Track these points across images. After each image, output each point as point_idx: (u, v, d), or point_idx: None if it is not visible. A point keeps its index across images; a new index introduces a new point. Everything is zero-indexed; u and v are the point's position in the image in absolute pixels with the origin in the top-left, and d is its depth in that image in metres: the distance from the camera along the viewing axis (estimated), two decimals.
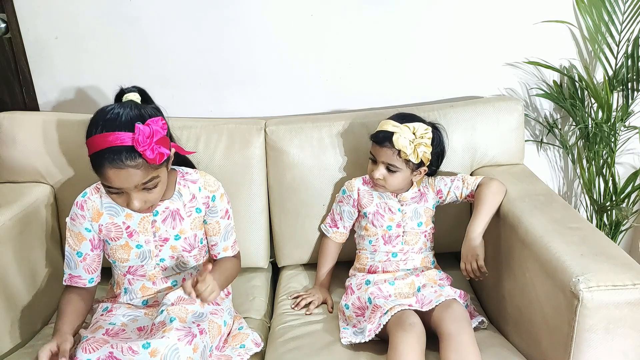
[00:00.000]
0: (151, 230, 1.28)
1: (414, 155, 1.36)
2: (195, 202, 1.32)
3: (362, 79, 1.74)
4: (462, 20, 1.69)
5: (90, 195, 1.28)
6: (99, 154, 1.10)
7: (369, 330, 1.26)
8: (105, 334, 1.18)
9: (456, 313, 1.23)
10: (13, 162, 1.55)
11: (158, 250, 1.29)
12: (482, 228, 1.37)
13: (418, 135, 1.37)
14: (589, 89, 1.68)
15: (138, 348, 1.06)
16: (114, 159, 1.09)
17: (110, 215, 1.27)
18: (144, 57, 1.68)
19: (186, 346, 1.10)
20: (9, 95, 1.73)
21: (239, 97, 1.75)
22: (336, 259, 1.57)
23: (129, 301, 1.32)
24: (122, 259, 1.29)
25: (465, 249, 1.36)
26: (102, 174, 1.12)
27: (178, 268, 1.33)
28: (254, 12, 1.65)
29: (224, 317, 1.29)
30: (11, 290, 1.35)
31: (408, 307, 1.27)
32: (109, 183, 1.13)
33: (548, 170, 1.91)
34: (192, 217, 1.32)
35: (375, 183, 1.44)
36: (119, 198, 1.17)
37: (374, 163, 1.42)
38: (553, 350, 1.14)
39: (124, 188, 1.14)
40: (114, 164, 1.09)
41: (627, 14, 1.65)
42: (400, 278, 1.40)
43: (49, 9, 1.63)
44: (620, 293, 1.04)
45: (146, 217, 1.27)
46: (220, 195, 1.34)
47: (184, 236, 1.31)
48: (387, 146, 1.37)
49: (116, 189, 1.14)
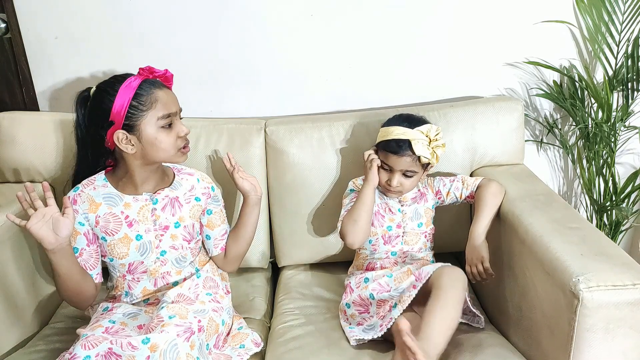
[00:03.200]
0: (151, 219, 1.29)
1: (433, 158, 1.37)
2: (194, 191, 1.36)
3: (362, 79, 1.74)
4: (462, 20, 1.69)
5: (83, 189, 1.29)
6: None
7: (380, 326, 1.26)
8: (105, 332, 1.17)
9: (455, 273, 1.23)
10: (13, 162, 1.55)
11: (158, 240, 1.30)
12: (484, 229, 1.37)
13: (432, 137, 1.37)
14: (589, 89, 1.68)
15: (137, 343, 1.06)
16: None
17: (109, 205, 1.27)
18: (144, 57, 1.68)
19: (184, 342, 1.11)
20: (9, 95, 1.73)
21: (239, 97, 1.75)
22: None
23: (129, 302, 1.32)
24: (121, 255, 1.29)
25: (470, 252, 1.36)
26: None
27: (178, 263, 1.33)
28: (254, 12, 1.65)
29: (223, 316, 1.29)
30: (11, 290, 1.35)
31: (410, 293, 1.25)
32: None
33: (548, 170, 1.91)
34: (191, 205, 1.35)
35: (391, 191, 1.42)
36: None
37: (388, 171, 1.40)
38: (553, 350, 1.14)
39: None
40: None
41: (627, 14, 1.65)
42: (397, 270, 1.40)
43: (49, 9, 1.63)
44: (620, 293, 1.04)
45: (146, 205, 1.29)
46: (216, 186, 1.41)
47: (183, 224, 1.33)
48: (406, 154, 1.36)
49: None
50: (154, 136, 1.22)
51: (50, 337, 1.38)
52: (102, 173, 1.32)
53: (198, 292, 1.29)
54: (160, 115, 1.22)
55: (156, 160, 1.27)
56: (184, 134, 1.27)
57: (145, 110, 1.21)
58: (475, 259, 1.34)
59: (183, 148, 1.28)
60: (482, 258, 1.33)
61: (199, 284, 1.32)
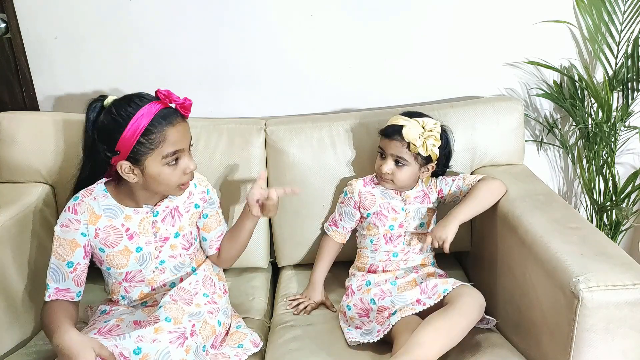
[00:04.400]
0: (152, 231, 1.28)
1: (423, 147, 1.37)
2: (192, 198, 1.34)
3: (362, 79, 1.74)
4: (462, 20, 1.69)
5: (84, 198, 1.25)
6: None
7: (377, 331, 1.26)
8: (97, 333, 1.16)
9: (478, 302, 1.24)
10: (13, 162, 1.55)
11: (158, 251, 1.29)
12: (463, 217, 1.37)
13: (427, 129, 1.38)
14: (589, 89, 1.68)
15: (129, 354, 1.07)
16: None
17: (109, 217, 1.25)
18: (144, 57, 1.68)
19: (178, 348, 1.11)
20: (9, 95, 1.73)
21: (239, 97, 1.75)
22: (333, 259, 1.56)
23: (127, 304, 1.31)
24: (119, 265, 1.27)
25: (438, 230, 1.36)
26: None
27: (176, 270, 1.33)
28: (254, 12, 1.65)
29: (219, 317, 1.29)
30: (11, 290, 1.34)
31: (413, 306, 1.26)
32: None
33: (548, 170, 1.90)
34: (190, 213, 1.34)
35: (383, 178, 1.44)
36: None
37: (382, 157, 1.43)
38: (553, 350, 1.14)
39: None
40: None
41: (627, 14, 1.65)
42: (400, 277, 1.40)
43: (48, 9, 1.63)
44: (620, 293, 1.04)
45: (146, 217, 1.27)
46: (211, 188, 1.39)
47: (182, 233, 1.32)
48: (396, 139, 1.38)
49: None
50: (157, 172, 1.18)
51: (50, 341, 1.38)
52: (102, 183, 1.27)
53: (198, 289, 1.29)
54: (165, 154, 1.17)
55: (157, 191, 1.25)
56: (190, 171, 1.22)
57: (152, 148, 1.16)
58: (440, 237, 1.35)
59: (182, 185, 1.23)
60: (445, 239, 1.34)
61: (199, 281, 1.31)
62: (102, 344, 1.07)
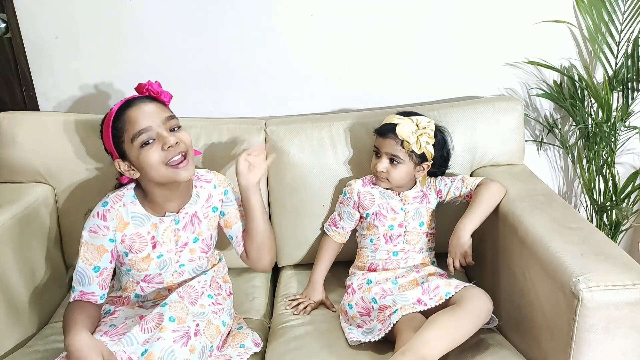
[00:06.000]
0: (173, 239, 1.29)
1: (416, 145, 1.37)
2: (211, 200, 1.35)
3: (362, 79, 1.74)
4: (462, 20, 1.69)
5: (113, 205, 1.26)
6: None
7: (378, 330, 1.26)
8: (104, 335, 1.17)
9: (487, 306, 1.24)
10: (13, 162, 1.55)
11: (178, 256, 1.31)
12: (473, 226, 1.37)
13: (421, 126, 1.39)
14: (589, 89, 1.68)
15: (137, 358, 1.08)
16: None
17: (136, 225, 1.26)
18: (144, 57, 1.68)
19: (182, 347, 1.11)
20: (9, 95, 1.73)
21: (239, 97, 1.75)
22: (333, 260, 1.56)
23: (139, 302, 1.32)
24: (140, 269, 1.29)
25: (454, 245, 1.36)
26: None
27: (194, 272, 1.34)
28: (254, 12, 1.65)
29: (223, 317, 1.29)
30: (11, 290, 1.34)
31: (414, 305, 1.26)
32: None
33: (548, 170, 1.90)
34: (208, 218, 1.35)
35: (378, 177, 1.44)
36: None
37: (377, 157, 1.43)
38: (553, 350, 1.14)
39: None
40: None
41: (627, 14, 1.65)
42: (401, 276, 1.40)
43: (48, 9, 1.62)
44: (620, 293, 1.04)
45: (169, 226, 1.28)
46: (231, 188, 1.39)
47: (201, 238, 1.33)
48: (390, 137, 1.39)
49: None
50: (138, 156, 1.18)
51: (50, 337, 1.38)
52: (132, 189, 1.29)
53: (205, 289, 1.29)
54: (132, 136, 1.17)
55: (157, 181, 1.22)
56: (168, 146, 1.17)
57: (121, 135, 1.19)
58: (458, 254, 1.35)
59: (179, 163, 1.19)
60: (465, 254, 1.34)
61: (207, 281, 1.32)
62: (110, 350, 1.09)
